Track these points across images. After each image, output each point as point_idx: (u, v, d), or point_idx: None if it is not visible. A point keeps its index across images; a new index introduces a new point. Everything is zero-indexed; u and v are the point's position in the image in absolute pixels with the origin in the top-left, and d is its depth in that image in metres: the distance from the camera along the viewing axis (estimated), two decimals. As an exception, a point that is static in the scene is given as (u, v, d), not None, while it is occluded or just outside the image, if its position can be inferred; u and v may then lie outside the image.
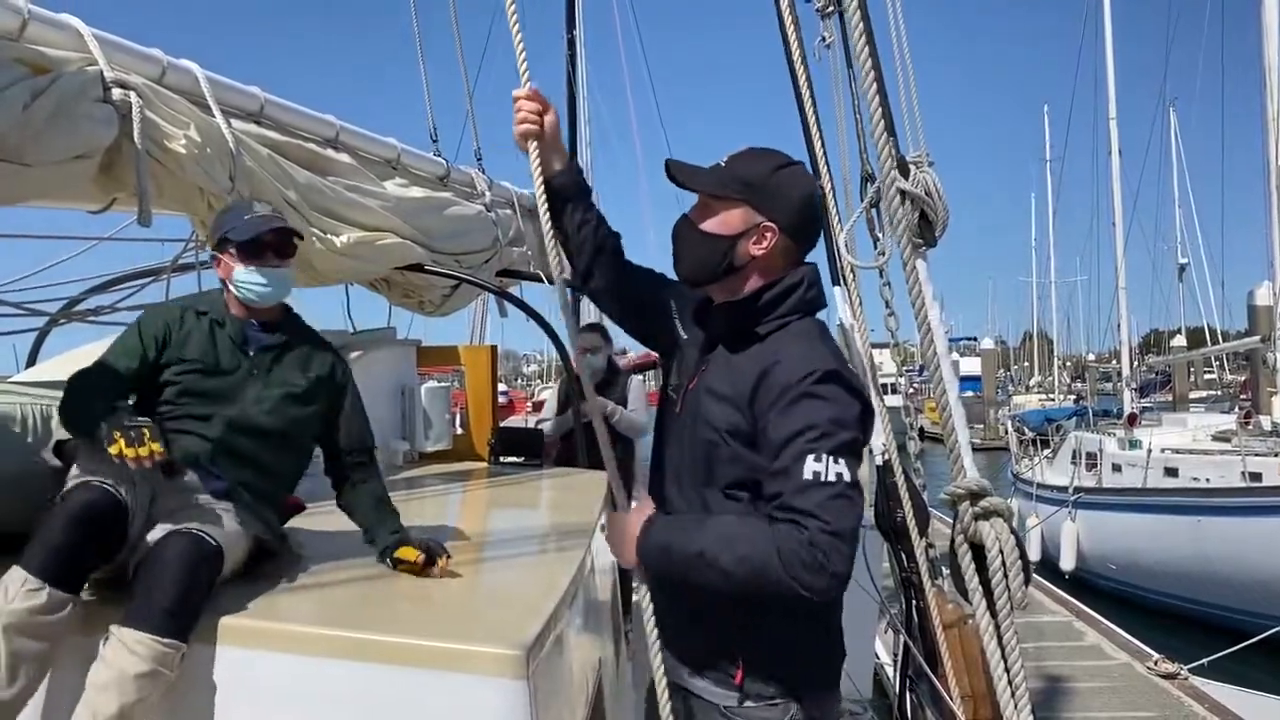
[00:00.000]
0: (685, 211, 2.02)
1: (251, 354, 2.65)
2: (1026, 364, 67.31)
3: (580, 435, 6.00)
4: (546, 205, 2.08)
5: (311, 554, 2.75)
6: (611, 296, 2.26)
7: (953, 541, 2.29)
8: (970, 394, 45.16)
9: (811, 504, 1.71)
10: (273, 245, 2.71)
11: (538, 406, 11.82)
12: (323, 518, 2.97)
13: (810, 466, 1.73)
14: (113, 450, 2.18)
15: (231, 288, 2.69)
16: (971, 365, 51.86)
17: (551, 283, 5.91)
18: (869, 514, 3.82)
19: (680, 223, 2.01)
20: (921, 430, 4.73)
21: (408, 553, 2.56)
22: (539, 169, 2.06)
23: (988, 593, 2.24)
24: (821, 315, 2.03)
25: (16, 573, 2.05)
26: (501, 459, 5.56)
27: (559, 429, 6.70)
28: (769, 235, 1.93)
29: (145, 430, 2.23)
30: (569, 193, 2.13)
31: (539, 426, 6.71)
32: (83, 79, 3.16)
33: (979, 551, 2.26)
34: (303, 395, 2.67)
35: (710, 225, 1.95)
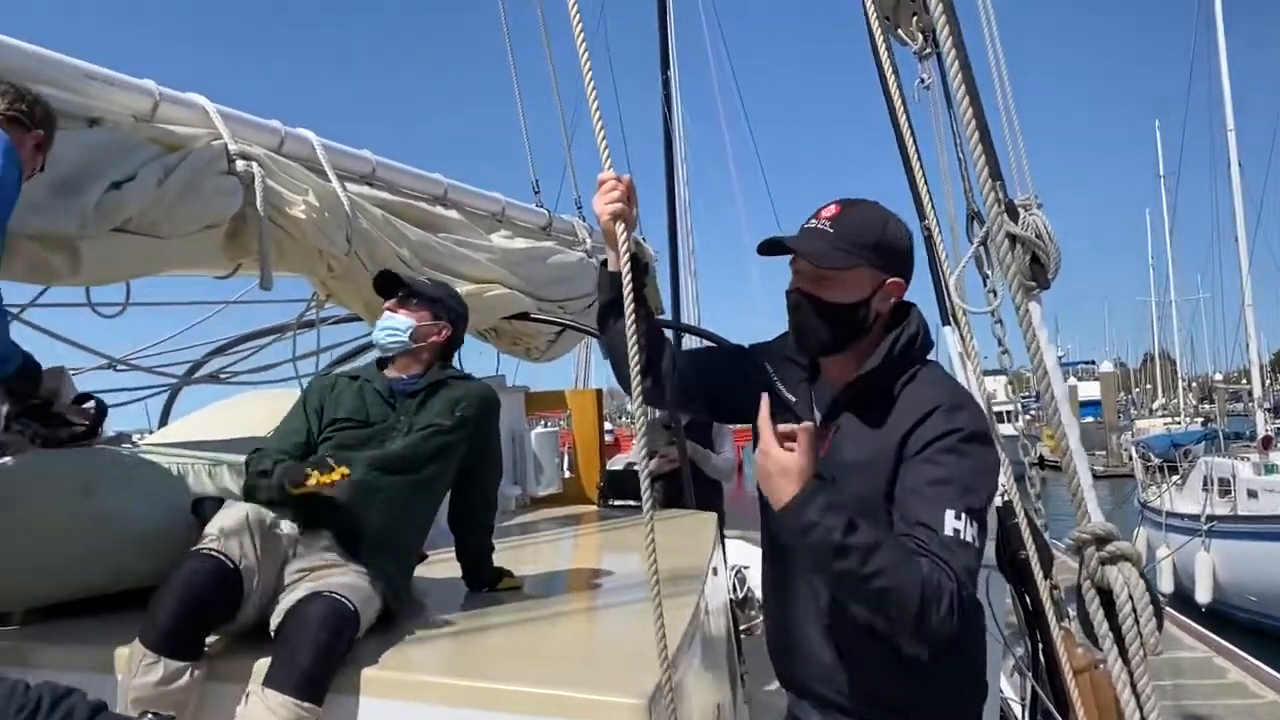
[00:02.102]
0: (799, 287, 1.94)
1: (397, 404, 2.79)
2: (1149, 386, 64.49)
3: (687, 475, 6.00)
4: (632, 293, 1.86)
5: (434, 603, 2.82)
6: (681, 404, 2.24)
7: (1079, 587, 2.22)
8: (1090, 420, 43.55)
9: (956, 562, 1.69)
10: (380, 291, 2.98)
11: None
12: (443, 565, 3.05)
13: (950, 522, 1.70)
14: (311, 484, 2.36)
15: None
16: (1090, 390, 49.99)
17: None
18: (986, 552, 3.71)
19: (800, 302, 1.94)
20: (1041, 459, 4.59)
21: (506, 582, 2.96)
22: (626, 251, 1.93)
23: (1119, 639, 2.15)
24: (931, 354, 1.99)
25: (137, 648, 2.17)
26: (611, 502, 5.61)
27: (661, 469, 6.72)
28: (895, 290, 1.91)
29: (327, 459, 2.45)
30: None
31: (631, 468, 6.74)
32: (209, 153, 3.35)
33: (1107, 597, 2.17)
34: (446, 431, 2.77)
35: (839, 296, 1.90)
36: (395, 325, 2.90)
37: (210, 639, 2.32)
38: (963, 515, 1.71)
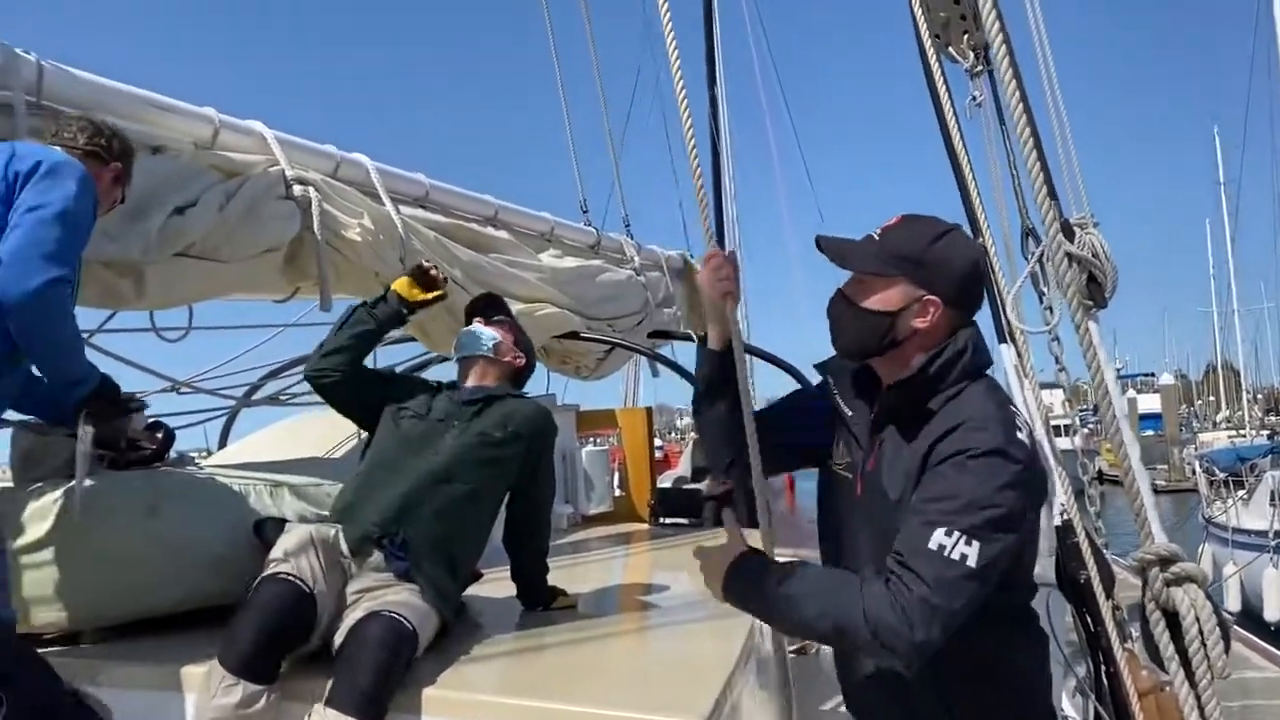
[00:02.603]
0: (840, 287, 1.96)
1: (457, 410, 2.88)
2: (1211, 398, 62.97)
3: (739, 492, 5.98)
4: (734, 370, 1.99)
5: (489, 622, 2.84)
6: (773, 470, 2.17)
7: (1143, 609, 2.17)
8: (1151, 433, 42.60)
9: (927, 572, 1.66)
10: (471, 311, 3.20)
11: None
12: (498, 584, 3.07)
13: (938, 538, 1.67)
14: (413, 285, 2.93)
15: None
16: (1151, 402, 48.86)
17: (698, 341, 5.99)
18: (1045, 570, 3.64)
19: (836, 300, 1.96)
20: (1100, 474, 4.48)
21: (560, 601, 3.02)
22: (734, 328, 2.00)
23: (1185, 662, 2.10)
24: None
25: (216, 669, 2.22)
26: (662, 520, 5.61)
27: (714, 488, 6.71)
28: (932, 309, 1.86)
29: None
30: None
31: (680, 485, 6.74)
32: (268, 179, 3.44)
33: (1172, 618, 2.12)
34: (496, 443, 2.82)
35: (870, 302, 1.89)
36: (480, 333, 3.06)
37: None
38: (955, 533, 1.66)
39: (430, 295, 3.02)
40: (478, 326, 3.08)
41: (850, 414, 2.01)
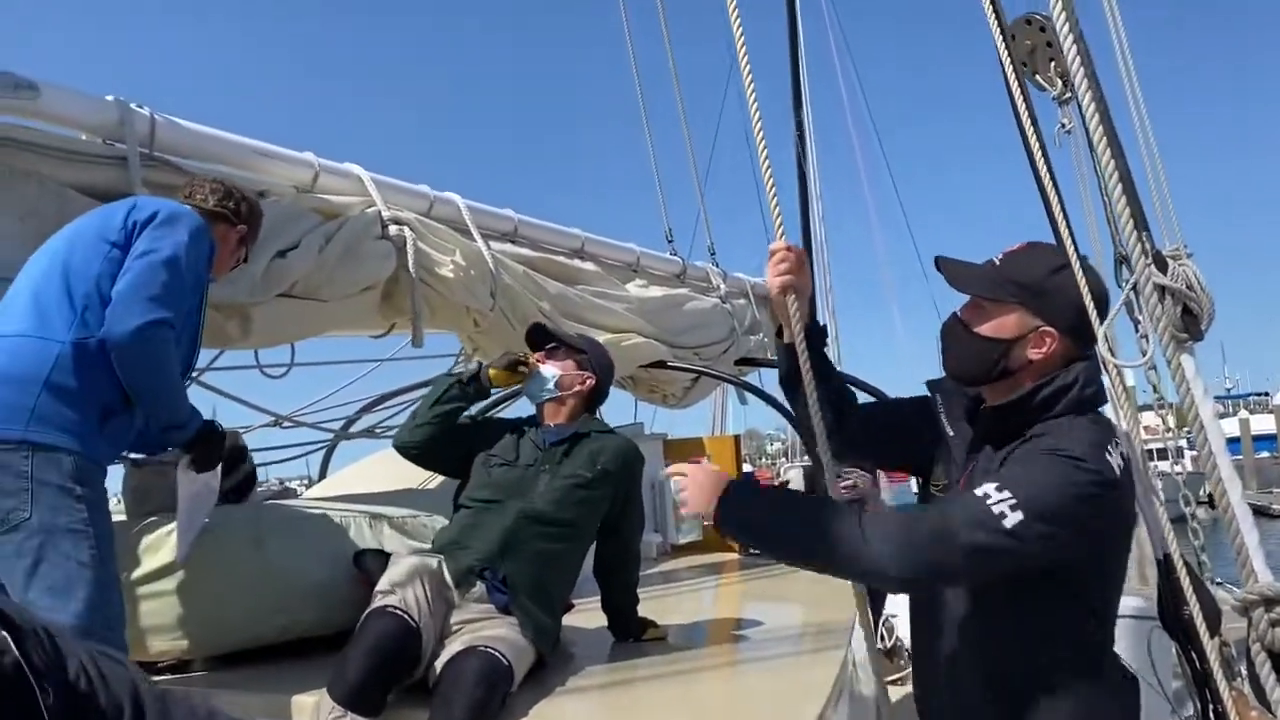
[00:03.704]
0: (957, 310, 1.93)
1: (543, 452, 2.91)
2: (1329, 418, 59.86)
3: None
4: (809, 363, 1.94)
5: (581, 653, 2.87)
6: (859, 453, 2.25)
7: (1249, 650, 2.07)
8: (1266, 455, 40.69)
9: (959, 510, 1.64)
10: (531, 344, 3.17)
11: (784, 487, 11.78)
12: (589, 615, 3.10)
13: (986, 489, 1.64)
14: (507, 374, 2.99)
15: None
16: (1264, 423, 46.68)
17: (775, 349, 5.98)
18: (1138, 603, 3.50)
19: (952, 323, 1.93)
20: (1211, 499, 4.25)
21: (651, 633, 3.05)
22: (799, 323, 1.95)
23: (1292, 706, 2.00)
24: None
25: (325, 700, 2.28)
26: (752, 550, 5.56)
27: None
28: (1048, 340, 1.82)
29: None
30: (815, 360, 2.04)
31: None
32: (365, 220, 3.56)
33: (1278, 660, 2.02)
34: (586, 484, 2.85)
35: (985, 329, 1.86)
36: (542, 377, 3.06)
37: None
38: (1005, 492, 1.63)
39: (519, 379, 3.09)
40: (539, 369, 3.08)
41: (952, 434, 1.98)
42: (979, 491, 1.66)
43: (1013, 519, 1.62)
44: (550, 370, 3.06)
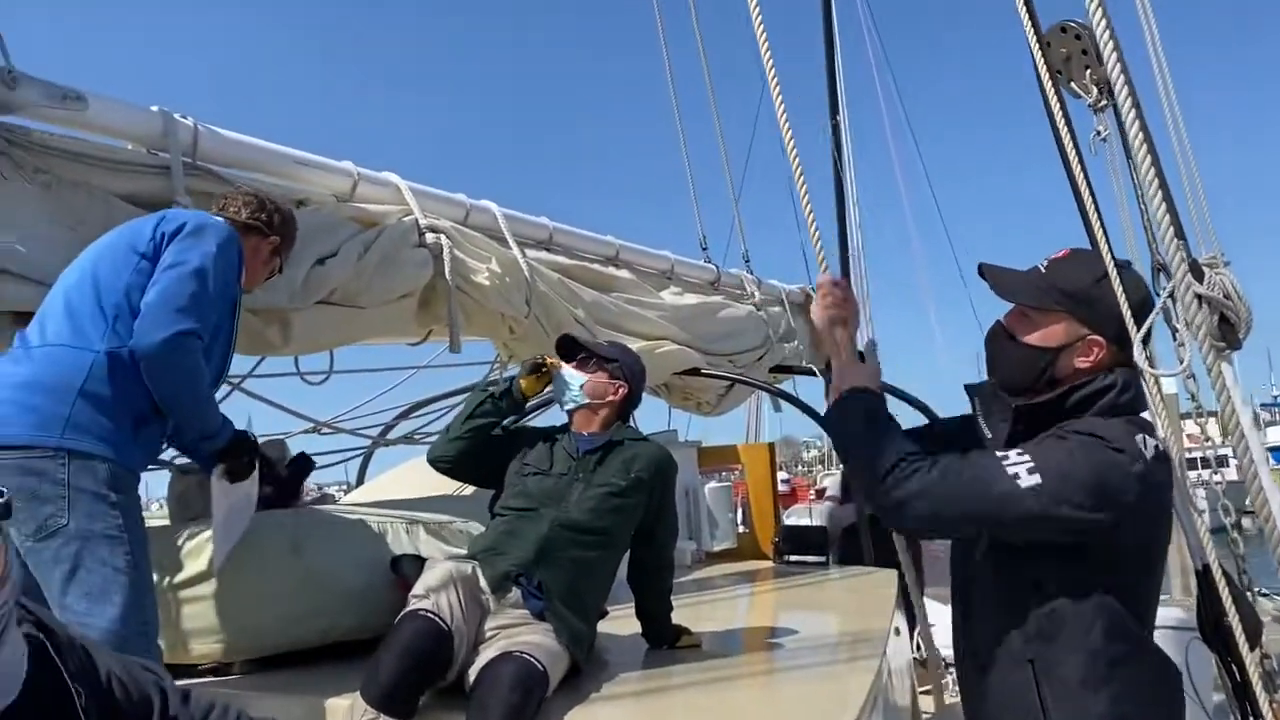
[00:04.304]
0: (1000, 318, 1.93)
1: (577, 460, 2.92)
2: (1378, 428, 58.50)
3: (865, 531, 5.89)
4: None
5: (615, 660, 2.88)
6: None
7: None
8: (1311, 465, 39.76)
9: (978, 460, 1.71)
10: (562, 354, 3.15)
11: (820, 494, 11.76)
12: (623, 622, 3.11)
13: (1007, 453, 1.72)
14: (534, 380, 2.98)
15: None
16: (1310, 432, 45.76)
17: (822, 376, 5.99)
18: (1178, 614, 3.44)
19: (996, 331, 1.92)
20: (1249, 510, 4.16)
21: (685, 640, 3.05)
22: (849, 354, 1.99)
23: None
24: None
25: (358, 703, 2.31)
26: (787, 558, 5.56)
27: (838, 524, 6.62)
28: (1095, 349, 1.81)
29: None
30: None
31: (820, 524, 6.66)
32: (402, 228, 3.60)
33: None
34: (620, 492, 2.86)
35: (1031, 338, 1.85)
36: (569, 382, 3.06)
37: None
38: (1025, 457, 1.69)
39: (546, 380, 3.08)
40: (566, 372, 3.08)
41: (990, 436, 1.97)
42: (999, 454, 1.72)
43: (1027, 481, 1.67)
44: (572, 373, 3.07)
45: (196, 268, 2.40)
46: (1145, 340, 1.76)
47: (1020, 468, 1.69)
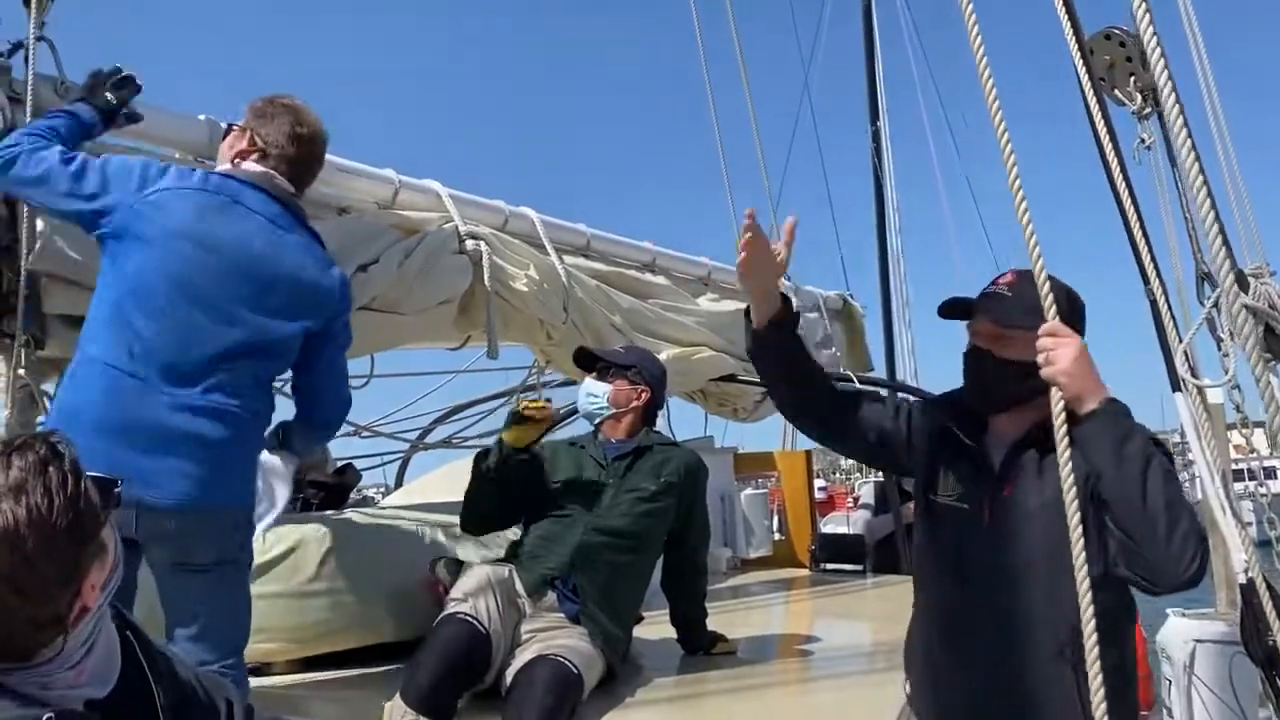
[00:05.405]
0: (973, 342, 2.03)
1: (607, 466, 2.93)
2: None
3: (902, 539, 5.84)
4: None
5: (650, 665, 2.89)
6: (815, 419, 2.27)
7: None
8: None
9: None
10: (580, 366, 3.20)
11: (857, 502, 11.71)
12: (658, 627, 3.12)
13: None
14: (521, 429, 2.81)
15: None
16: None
17: (860, 383, 5.95)
18: (1221, 628, 3.39)
19: (975, 354, 2.02)
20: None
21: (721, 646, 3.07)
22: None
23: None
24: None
25: (397, 704, 2.34)
26: (823, 566, 5.53)
27: (875, 533, 6.57)
28: None
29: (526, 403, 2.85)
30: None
31: (857, 533, 6.62)
32: (443, 235, 3.63)
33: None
34: (651, 497, 2.88)
35: (1012, 353, 1.94)
36: (594, 392, 3.08)
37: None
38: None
39: (538, 427, 2.92)
40: (588, 383, 3.11)
41: (971, 445, 2.02)
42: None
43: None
44: (601, 387, 3.09)
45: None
46: (1165, 353, 1.76)
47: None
